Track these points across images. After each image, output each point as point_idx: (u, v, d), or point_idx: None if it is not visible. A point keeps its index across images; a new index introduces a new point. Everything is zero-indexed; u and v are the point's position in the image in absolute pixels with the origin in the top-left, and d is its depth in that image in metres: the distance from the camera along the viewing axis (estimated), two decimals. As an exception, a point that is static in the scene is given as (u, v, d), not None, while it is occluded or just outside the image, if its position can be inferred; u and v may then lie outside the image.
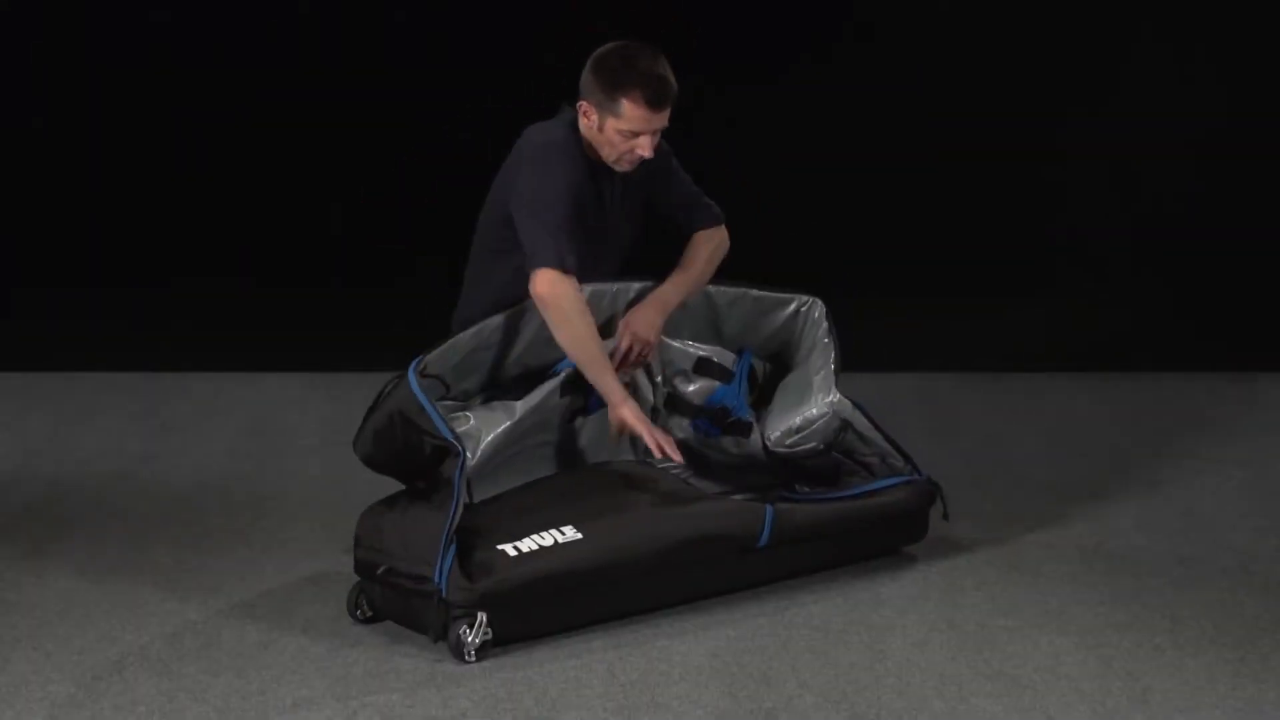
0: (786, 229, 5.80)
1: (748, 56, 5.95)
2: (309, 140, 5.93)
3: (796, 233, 5.86)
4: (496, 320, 3.69)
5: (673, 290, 3.92)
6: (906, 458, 3.97)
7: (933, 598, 3.70)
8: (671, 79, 3.74)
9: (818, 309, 4.06)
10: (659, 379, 4.05)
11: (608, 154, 3.79)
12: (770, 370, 4.16)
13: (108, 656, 3.38)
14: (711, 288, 4.03)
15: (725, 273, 4.03)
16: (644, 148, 3.75)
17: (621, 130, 3.73)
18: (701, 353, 4.07)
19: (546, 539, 3.45)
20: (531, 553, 3.42)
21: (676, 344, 4.04)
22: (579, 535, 3.48)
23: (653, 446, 3.72)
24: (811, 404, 4.00)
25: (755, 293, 4.07)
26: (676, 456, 3.73)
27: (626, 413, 3.73)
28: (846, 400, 3.97)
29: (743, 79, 5.91)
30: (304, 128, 5.93)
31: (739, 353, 4.11)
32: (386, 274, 6.06)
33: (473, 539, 3.46)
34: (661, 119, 3.75)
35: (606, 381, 3.74)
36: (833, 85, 5.95)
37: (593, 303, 3.77)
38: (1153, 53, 5.98)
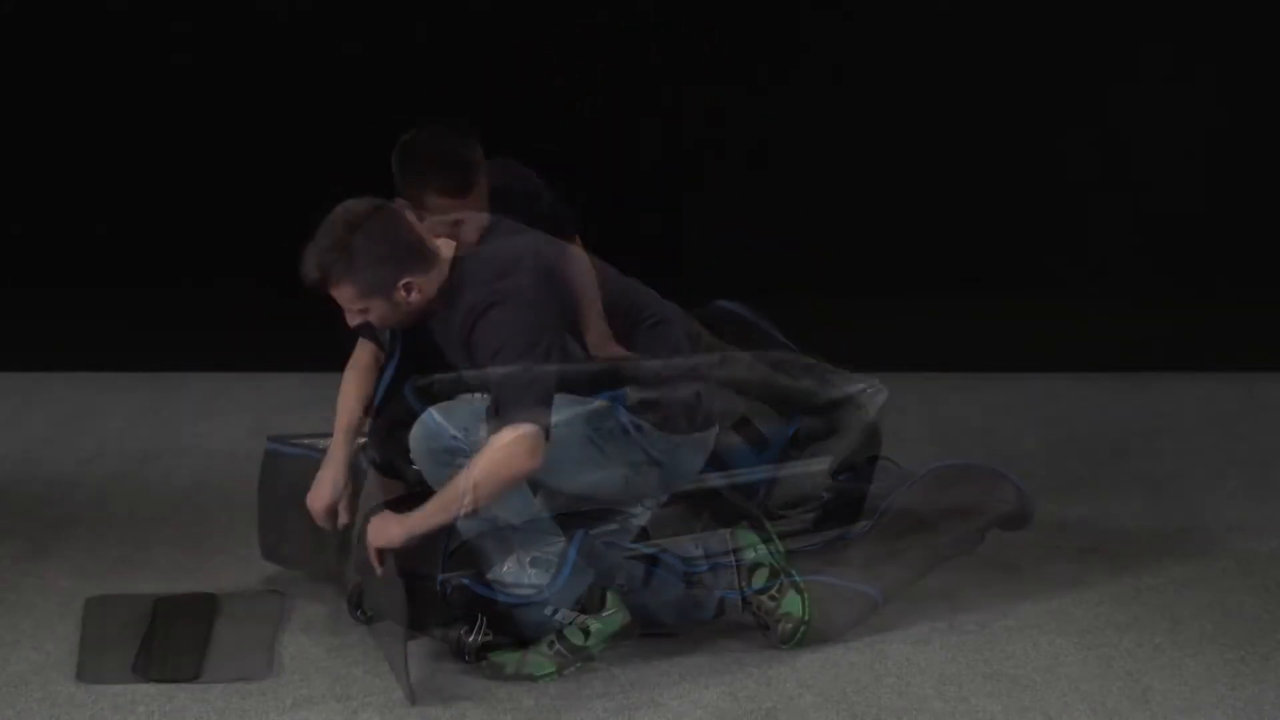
0: (787, 229, 5.79)
1: (755, 52, 5.95)
2: (310, 140, 5.93)
3: (797, 232, 5.85)
4: None
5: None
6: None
7: (933, 598, 3.70)
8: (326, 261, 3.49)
9: (880, 397, 3.89)
10: None
11: None
12: (811, 442, 3.94)
13: (108, 656, 3.38)
14: (783, 355, 3.90)
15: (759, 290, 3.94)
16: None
17: None
18: (746, 411, 3.85)
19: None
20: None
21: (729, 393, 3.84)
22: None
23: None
24: (807, 478, 3.81)
25: (829, 367, 3.92)
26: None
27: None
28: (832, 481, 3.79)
29: (744, 76, 5.90)
30: (305, 127, 5.92)
31: (790, 416, 3.92)
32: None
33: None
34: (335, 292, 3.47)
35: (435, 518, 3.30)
36: (834, 83, 5.95)
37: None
38: (1153, 52, 5.97)
